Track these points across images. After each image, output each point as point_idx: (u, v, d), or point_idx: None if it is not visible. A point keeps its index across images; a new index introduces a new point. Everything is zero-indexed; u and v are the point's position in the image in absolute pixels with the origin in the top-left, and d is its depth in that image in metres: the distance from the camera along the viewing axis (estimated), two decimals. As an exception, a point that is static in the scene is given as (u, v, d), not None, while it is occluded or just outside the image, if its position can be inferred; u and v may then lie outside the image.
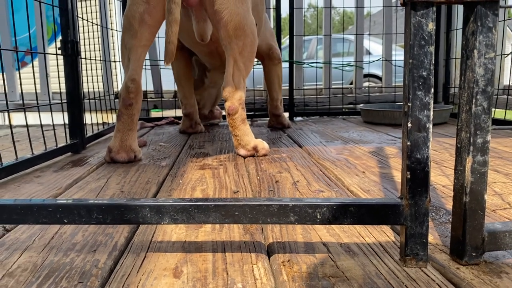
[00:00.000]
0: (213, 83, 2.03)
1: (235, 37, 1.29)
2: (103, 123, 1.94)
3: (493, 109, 2.04)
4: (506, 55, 2.02)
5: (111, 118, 2.10)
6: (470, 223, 0.57)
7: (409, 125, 0.56)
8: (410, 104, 0.56)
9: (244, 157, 1.36)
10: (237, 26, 1.28)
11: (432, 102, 0.56)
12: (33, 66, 1.33)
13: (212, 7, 1.26)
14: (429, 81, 0.56)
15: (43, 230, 0.75)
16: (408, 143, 0.56)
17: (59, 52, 1.46)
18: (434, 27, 0.56)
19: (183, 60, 1.86)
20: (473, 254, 0.58)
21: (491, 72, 0.55)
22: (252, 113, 2.50)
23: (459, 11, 2.26)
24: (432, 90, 0.56)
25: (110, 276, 0.58)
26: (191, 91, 1.89)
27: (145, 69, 2.55)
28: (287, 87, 2.44)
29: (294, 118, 2.48)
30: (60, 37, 1.46)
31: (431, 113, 0.56)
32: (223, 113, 2.32)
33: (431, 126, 0.56)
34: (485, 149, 0.56)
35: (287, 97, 2.45)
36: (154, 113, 2.73)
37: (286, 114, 2.48)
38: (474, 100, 0.55)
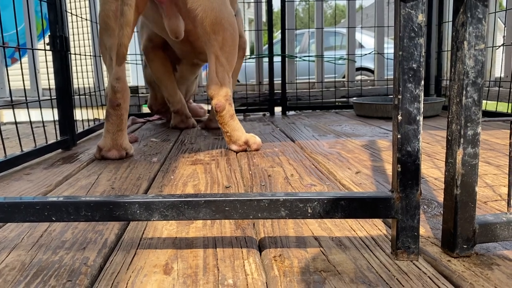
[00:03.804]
0: (183, 78, 1.98)
1: (213, 33, 1.26)
2: (94, 119, 1.92)
3: (485, 101, 2.04)
4: (497, 47, 2.02)
5: (102, 114, 2.08)
6: (461, 216, 0.57)
7: (400, 117, 0.56)
8: (400, 97, 0.55)
9: (236, 152, 1.35)
10: (213, 22, 1.25)
11: (422, 94, 0.56)
12: (21, 63, 1.31)
13: (185, 6, 1.23)
14: (419, 73, 0.55)
15: (32, 228, 0.74)
16: (399, 136, 0.56)
17: (48, 47, 1.44)
18: (425, 19, 0.55)
19: (159, 60, 1.79)
20: (464, 246, 0.58)
21: (481, 63, 0.55)
22: (245, 107, 2.49)
23: (450, 3, 2.26)
24: (422, 82, 0.56)
25: (100, 274, 0.57)
26: (175, 88, 1.84)
27: (136, 64, 2.53)
28: (280, 81, 2.43)
29: (287, 112, 2.47)
30: (49, 33, 1.45)
31: (422, 105, 0.56)
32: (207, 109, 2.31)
33: (421, 118, 0.56)
34: (475, 141, 0.56)
35: (280, 91, 2.44)
36: (146, 109, 2.71)
37: (279, 109, 2.47)
38: (464, 92, 0.55)
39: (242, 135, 1.35)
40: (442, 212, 0.62)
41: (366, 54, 2.81)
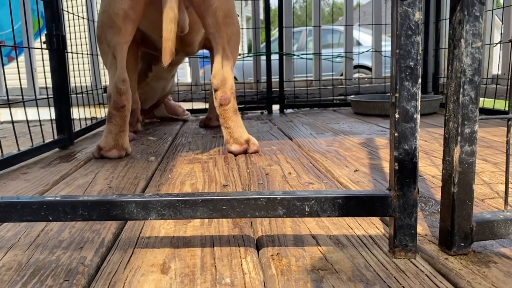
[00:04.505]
0: (157, 77, 1.92)
1: (224, 25, 1.26)
2: (92, 118, 1.92)
3: (482, 99, 2.04)
4: (494, 45, 2.02)
5: (100, 112, 2.07)
6: (458, 213, 0.57)
7: (397, 116, 0.56)
8: (397, 95, 0.55)
9: (236, 154, 1.29)
10: (226, 14, 1.25)
11: (419, 92, 0.56)
12: (17, 61, 1.30)
13: None
14: (416, 71, 0.55)
15: (29, 227, 0.74)
16: (396, 134, 0.56)
17: (44, 46, 1.43)
18: (422, 17, 0.55)
19: (132, 53, 1.67)
20: (462, 244, 0.58)
21: (478, 61, 0.55)
22: (243, 105, 2.49)
23: (447, 0, 2.26)
24: (420, 80, 0.55)
25: (97, 274, 0.57)
26: (135, 86, 1.75)
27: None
28: (277, 79, 2.43)
29: (285, 110, 2.47)
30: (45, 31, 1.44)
31: (419, 103, 0.56)
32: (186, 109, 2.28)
33: (418, 116, 0.56)
34: (473, 139, 0.56)
35: (277, 89, 2.44)
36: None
37: (276, 107, 2.47)
38: (461, 90, 0.55)
39: (244, 133, 1.31)
40: (439, 210, 0.62)
41: (363, 52, 2.81)
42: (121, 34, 1.25)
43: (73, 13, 1.79)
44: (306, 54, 2.63)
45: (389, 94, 2.48)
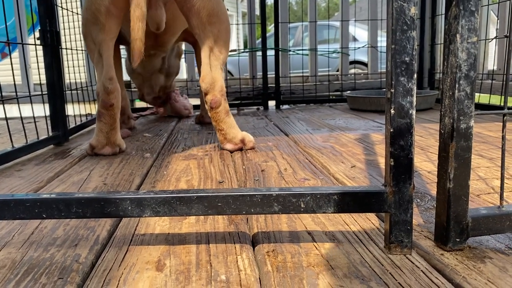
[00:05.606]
0: (146, 71, 1.89)
1: (209, 24, 1.23)
2: (86, 114, 1.91)
3: (478, 94, 2.05)
4: (490, 40, 2.02)
5: (95, 109, 2.06)
6: (454, 209, 0.57)
7: (392, 111, 0.55)
8: (393, 90, 0.55)
9: (231, 152, 1.29)
10: (210, 13, 1.22)
11: (415, 88, 0.55)
12: (11, 58, 1.29)
13: None
14: (412, 66, 0.55)
15: (23, 225, 0.74)
16: (391, 130, 0.56)
17: (38, 42, 1.42)
18: (417, 12, 0.55)
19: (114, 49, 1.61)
20: (457, 239, 0.58)
21: (474, 56, 0.55)
22: (239, 101, 2.48)
23: (443, -4, 2.26)
24: (415, 75, 0.55)
25: (91, 271, 0.57)
26: (122, 83, 1.72)
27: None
28: (273, 75, 2.43)
29: (281, 106, 2.47)
30: (39, 27, 1.43)
31: (414, 99, 0.55)
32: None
33: (414, 112, 0.56)
34: (468, 134, 0.56)
35: (273, 85, 2.43)
36: (138, 103, 2.69)
37: (272, 103, 2.47)
38: (457, 85, 0.55)
39: (238, 133, 1.30)
40: (435, 205, 0.62)
41: (359, 48, 2.81)
42: (105, 31, 1.23)
43: (67, 9, 1.78)
44: (302, 49, 2.63)
45: (385, 89, 2.47)
